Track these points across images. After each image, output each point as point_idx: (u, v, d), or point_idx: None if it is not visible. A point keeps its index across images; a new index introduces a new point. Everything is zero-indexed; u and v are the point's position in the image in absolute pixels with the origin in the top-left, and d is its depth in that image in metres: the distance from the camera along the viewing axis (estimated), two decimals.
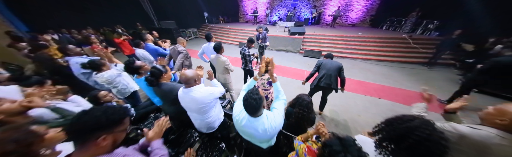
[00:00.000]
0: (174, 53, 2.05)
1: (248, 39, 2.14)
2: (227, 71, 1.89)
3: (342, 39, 4.86)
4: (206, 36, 2.14)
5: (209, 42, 2.12)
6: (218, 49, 1.75)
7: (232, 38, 6.35)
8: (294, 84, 2.84)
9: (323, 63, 1.73)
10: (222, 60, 1.77)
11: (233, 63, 3.86)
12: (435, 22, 4.86)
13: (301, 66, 3.73)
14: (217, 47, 1.73)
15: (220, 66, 1.84)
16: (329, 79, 1.66)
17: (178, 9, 7.19)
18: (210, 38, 2.13)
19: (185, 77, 0.93)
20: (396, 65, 3.91)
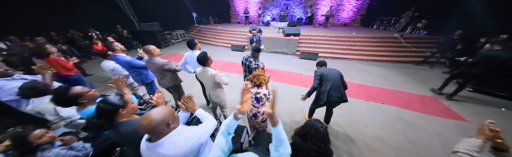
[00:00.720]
0: (151, 67, 1.65)
1: (254, 47, 1.78)
2: (219, 86, 1.50)
3: (337, 40, 4.78)
4: (188, 43, 1.69)
5: (192, 50, 1.72)
6: (204, 61, 1.32)
7: (223, 40, 6.01)
8: (292, 90, 2.61)
9: (324, 73, 1.48)
10: (211, 74, 1.35)
11: (228, 69, 3.56)
12: (423, 21, 4.99)
13: (298, 69, 3.54)
14: (201, 59, 1.29)
15: (209, 82, 1.42)
16: (338, 91, 1.42)
17: (162, 10, 6.63)
18: (193, 46, 1.69)
19: (147, 124, 0.53)
20: (391, 65, 3.89)
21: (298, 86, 2.76)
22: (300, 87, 2.72)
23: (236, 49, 5.20)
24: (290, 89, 2.65)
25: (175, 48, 5.66)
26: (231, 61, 4.13)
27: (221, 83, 1.41)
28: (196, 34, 7.20)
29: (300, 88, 2.69)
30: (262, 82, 1.20)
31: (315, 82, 1.51)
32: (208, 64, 1.36)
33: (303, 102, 2.23)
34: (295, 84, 2.82)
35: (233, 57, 4.52)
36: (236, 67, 3.64)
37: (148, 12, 6.05)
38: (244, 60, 1.77)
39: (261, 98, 1.22)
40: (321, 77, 1.48)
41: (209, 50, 5.35)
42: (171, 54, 4.90)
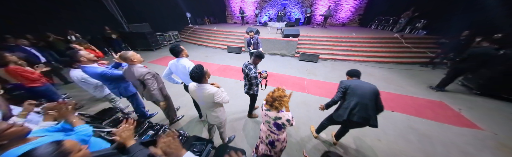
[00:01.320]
0: (130, 76, 1.36)
1: (256, 53, 1.45)
2: (219, 105, 1.17)
3: (337, 40, 4.63)
4: (172, 50, 1.33)
5: (178, 58, 1.39)
6: (200, 78, 0.98)
7: (219, 42, 5.73)
8: (295, 97, 2.40)
9: (351, 86, 1.18)
10: (210, 93, 1.02)
11: (224, 73, 3.28)
12: (422, 20, 4.92)
13: (299, 73, 3.34)
14: (196, 76, 0.96)
15: (207, 101, 1.09)
16: (365, 111, 1.12)
17: (154, 10, 6.25)
18: (178, 53, 1.34)
19: None
20: (393, 67, 3.77)
21: (300, 92, 2.55)
22: (302, 93, 2.51)
23: (233, 51, 4.95)
24: (293, 95, 2.42)
25: (167, 50, 5.23)
26: (227, 64, 3.89)
27: (222, 102, 1.11)
28: (190, 35, 6.88)
29: (303, 95, 2.48)
30: (286, 106, 0.93)
31: (337, 95, 1.23)
32: (204, 81, 1.03)
33: (308, 112, 2.05)
34: (297, 90, 2.61)
35: (230, 59, 4.27)
36: (233, 71, 3.41)
37: (137, 12, 5.68)
38: (244, 67, 1.51)
39: (283, 124, 0.95)
40: (346, 90, 1.19)
41: (204, 52, 5.07)
42: (162, 57, 4.58)
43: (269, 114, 0.99)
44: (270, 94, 0.97)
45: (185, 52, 1.39)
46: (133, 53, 1.34)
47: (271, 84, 2.73)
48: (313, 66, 3.75)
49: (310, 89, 2.62)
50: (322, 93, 2.51)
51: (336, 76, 3.18)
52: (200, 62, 4.08)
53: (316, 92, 2.54)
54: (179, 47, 1.34)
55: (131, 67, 1.34)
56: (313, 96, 2.42)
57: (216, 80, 2.98)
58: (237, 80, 2.94)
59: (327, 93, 2.48)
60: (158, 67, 3.69)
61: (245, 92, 1.68)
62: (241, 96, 2.37)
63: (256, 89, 1.63)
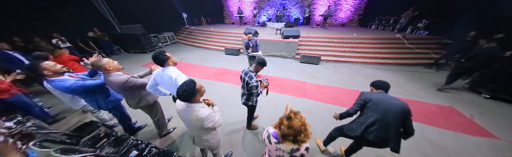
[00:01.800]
0: (111, 86, 1.22)
1: (259, 60, 1.23)
2: (211, 129, 0.96)
3: (338, 42, 4.49)
4: (155, 58, 1.08)
5: (163, 68, 1.15)
6: (189, 98, 0.78)
7: (216, 43, 5.53)
8: (298, 104, 2.23)
9: (373, 100, 0.98)
10: (198, 116, 0.82)
11: (220, 77, 3.07)
12: (423, 20, 4.82)
13: (301, 76, 3.17)
14: (185, 95, 0.75)
15: (195, 125, 0.88)
16: (385, 131, 0.94)
17: (147, 10, 6.00)
18: (163, 61, 1.09)
19: None
20: (397, 69, 3.64)
21: (303, 98, 2.37)
22: (305, 100, 2.34)
23: (230, 53, 4.76)
24: (295, 102, 2.26)
25: None
26: (225, 67, 3.69)
27: (214, 126, 0.89)
28: (186, 36, 6.66)
29: (306, 101, 2.30)
30: (308, 138, 0.67)
31: (354, 107, 1.06)
32: (195, 100, 0.81)
33: (312, 122, 1.85)
34: (300, 96, 2.44)
35: (227, 62, 4.08)
36: (230, 75, 3.22)
37: (130, 13, 5.43)
38: (243, 75, 1.32)
39: (302, 155, 0.71)
40: (366, 103, 1.00)
41: (200, 54, 4.87)
42: None
43: (282, 148, 0.73)
44: (286, 123, 0.68)
45: (171, 60, 1.15)
46: (108, 60, 1.16)
47: (271, 88, 2.57)
48: (314, 69, 3.59)
49: (314, 95, 2.45)
50: (326, 99, 2.34)
51: (339, 79, 3.03)
52: (196, 65, 3.88)
53: (320, 98, 2.37)
54: (164, 54, 1.09)
55: (107, 77, 1.15)
56: (317, 103, 2.25)
57: (212, 85, 2.79)
58: (235, 85, 2.76)
59: (332, 100, 2.32)
60: None
61: (243, 103, 1.48)
62: (239, 104, 2.16)
63: (255, 100, 1.44)
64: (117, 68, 1.19)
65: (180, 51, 5.28)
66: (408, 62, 3.89)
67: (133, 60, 4.35)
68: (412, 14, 5.03)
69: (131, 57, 4.63)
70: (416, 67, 3.75)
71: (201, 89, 0.82)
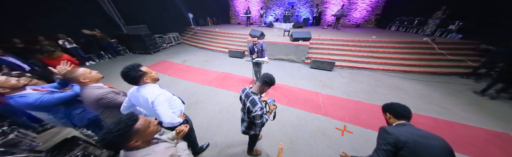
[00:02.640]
0: (84, 101, 0.96)
1: (265, 78, 0.91)
2: None
3: (354, 45, 4.01)
4: (124, 75, 0.80)
5: (138, 87, 0.86)
6: (120, 143, 0.51)
7: (220, 44, 5.30)
8: (310, 122, 1.83)
9: (408, 144, 0.65)
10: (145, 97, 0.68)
11: (222, 83, 2.78)
12: (456, 22, 4.15)
13: (312, 85, 2.78)
14: (112, 142, 0.48)
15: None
16: None
17: (154, 11, 5.94)
18: (135, 79, 0.81)
19: None
20: (427, 78, 3.10)
21: (315, 115, 1.98)
22: (318, 117, 1.94)
23: (234, 55, 4.49)
24: (306, 120, 1.85)
25: (166, 53, 4.97)
26: (227, 71, 3.42)
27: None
28: (191, 37, 6.53)
29: (319, 118, 1.90)
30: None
31: (382, 152, 0.69)
32: (134, 146, 0.54)
33: (328, 148, 1.47)
34: (312, 111, 2.05)
35: (231, 65, 3.81)
36: (233, 81, 2.93)
37: (137, 13, 5.38)
38: (244, 96, 0.99)
39: None
40: (400, 149, 0.65)
41: (204, 56, 4.66)
42: (160, 61, 4.21)
43: None
44: None
45: (150, 76, 0.85)
46: (84, 71, 0.92)
47: (278, 99, 2.23)
48: (327, 76, 3.18)
49: (329, 110, 2.06)
50: (344, 116, 1.94)
51: (357, 90, 2.60)
52: (198, 68, 3.64)
53: (336, 114, 1.97)
54: (137, 69, 0.80)
55: (82, 89, 0.91)
56: (333, 122, 1.86)
57: (212, 92, 2.51)
58: (237, 93, 2.47)
59: (352, 118, 1.91)
60: None
61: (243, 131, 1.12)
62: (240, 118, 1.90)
63: (257, 130, 1.08)
64: (95, 79, 0.95)
65: (184, 52, 5.12)
66: (440, 70, 3.31)
67: (136, 61, 4.01)
68: (441, 14, 4.38)
69: (136, 58, 4.56)
70: (450, 77, 3.17)
71: (147, 130, 0.55)
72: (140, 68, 0.81)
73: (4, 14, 3.25)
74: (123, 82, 0.81)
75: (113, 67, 3.84)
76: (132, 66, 0.80)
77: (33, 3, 3.54)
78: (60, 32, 3.67)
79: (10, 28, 3.35)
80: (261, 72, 2.44)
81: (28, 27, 3.57)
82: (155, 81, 0.89)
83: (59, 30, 3.73)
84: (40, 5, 3.66)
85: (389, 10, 6.18)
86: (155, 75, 0.89)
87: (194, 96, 2.38)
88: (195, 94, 2.44)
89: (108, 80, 3.01)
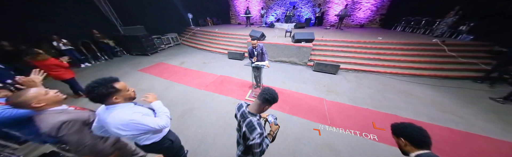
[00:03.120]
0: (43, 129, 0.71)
1: (266, 95, 0.72)
2: None
3: (360, 46, 3.82)
4: (89, 91, 0.60)
5: (107, 107, 0.68)
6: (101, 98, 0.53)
7: (220, 45, 5.14)
8: (315, 134, 1.65)
9: None
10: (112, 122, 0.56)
11: (219, 88, 2.67)
12: (467, 22, 3.94)
13: (315, 90, 2.60)
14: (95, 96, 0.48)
15: None
16: None
17: (152, 11, 5.79)
18: (104, 97, 0.63)
19: None
20: (438, 83, 2.91)
21: (321, 125, 1.80)
22: (325, 127, 1.76)
23: (234, 57, 4.33)
24: (311, 132, 1.67)
25: (164, 55, 4.82)
26: (226, 74, 3.26)
27: None
28: (190, 38, 6.38)
29: (325, 129, 1.72)
30: None
31: None
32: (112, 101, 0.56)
33: None
34: (316, 120, 1.87)
35: (229, 68, 3.64)
36: (231, 85, 2.77)
37: (135, 14, 5.23)
38: (239, 116, 0.80)
39: None
40: None
41: (203, 57, 4.51)
42: (156, 63, 4.06)
43: None
44: None
45: (123, 95, 0.68)
46: (36, 93, 0.72)
47: (280, 106, 2.05)
48: (332, 80, 3.00)
49: (335, 120, 1.88)
50: (353, 127, 1.76)
51: (365, 96, 2.41)
52: (195, 71, 3.48)
53: (344, 125, 1.79)
54: (109, 86, 0.63)
55: (38, 116, 0.73)
56: (341, 133, 1.68)
57: (208, 98, 2.35)
58: (235, 99, 2.30)
59: (360, 128, 1.73)
60: (146, 77, 3.16)
61: (238, 156, 0.90)
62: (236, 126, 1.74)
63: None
64: (53, 101, 0.76)
65: (182, 53, 4.97)
66: (451, 74, 3.11)
67: (133, 63, 4.12)
68: (455, 14, 4.15)
69: (133, 59, 4.42)
70: (462, 82, 2.97)
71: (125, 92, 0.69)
72: (113, 84, 0.64)
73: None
74: None
75: (108, 69, 3.70)
76: (104, 81, 0.63)
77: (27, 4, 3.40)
78: (54, 34, 3.54)
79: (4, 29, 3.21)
80: (261, 77, 2.27)
81: (21, 29, 3.44)
82: (129, 101, 0.73)
83: (51, 31, 3.56)
84: (33, 6, 3.52)
85: (395, 9, 5.97)
86: (132, 93, 0.73)
87: (189, 102, 2.23)
88: (190, 100, 2.28)
89: None
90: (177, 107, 2.10)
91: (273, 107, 2.08)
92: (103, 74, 3.39)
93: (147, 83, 2.84)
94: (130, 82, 2.89)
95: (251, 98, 2.30)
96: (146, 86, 2.74)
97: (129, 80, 3.01)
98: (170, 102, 2.22)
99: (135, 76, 3.19)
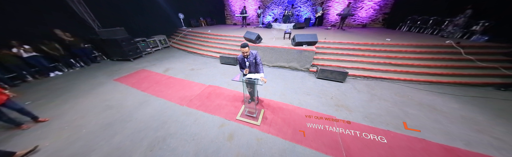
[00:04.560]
0: None
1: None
2: None
3: (367, 49, 3.42)
4: None
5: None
6: None
7: (212, 48, 4.67)
8: None
9: None
10: None
11: (205, 103, 2.10)
12: (482, 22, 3.60)
13: (322, 105, 2.15)
14: None
15: None
16: None
17: (136, 11, 5.22)
18: None
19: None
20: (459, 92, 2.52)
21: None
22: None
23: (227, 62, 3.86)
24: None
25: (148, 60, 4.30)
26: (215, 84, 2.77)
27: None
28: (180, 40, 5.87)
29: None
30: None
31: None
32: None
33: None
34: (327, 151, 1.41)
35: (221, 76, 3.17)
36: (220, 99, 2.29)
37: (115, 14, 4.67)
38: None
39: None
40: None
41: (192, 62, 4.02)
42: (138, 70, 3.54)
43: None
44: None
45: None
46: None
47: (280, 130, 1.61)
48: (339, 90, 2.58)
49: (352, 150, 1.42)
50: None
51: (382, 112, 2.00)
52: (180, 80, 2.97)
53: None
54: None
55: None
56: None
57: (190, 117, 1.89)
58: (226, 120, 1.83)
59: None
60: (120, 89, 2.66)
61: None
62: None
63: None
64: None
65: (169, 58, 4.45)
66: (471, 81, 2.74)
67: (111, 70, 3.59)
68: (465, 13, 3.78)
69: (112, 66, 3.89)
70: (485, 90, 2.60)
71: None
72: None
73: None
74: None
75: (80, 78, 3.18)
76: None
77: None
78: (14, 39, 2.95)
79: None
80: (255, 93, 1.82)
81: None
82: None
83: (10, 36, 2.98)
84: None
85: (400, 8, 5.61)
86: None
87: (165, 125, 1.76)
88: (166, 122, 1.82)
89: (68, 98, 2.38)
90: (148, 133, 1.64)
91: (272, 132, 1.64)
92: (73, 85, 2.87)
93: (118, 98, 2.35)
94: (99, 97, 2.40)
95: (243, 118, 1.83)
96: (116, 101, 2.24)
97: (99, 93, 2.52)
98: (140, 125, 1.76)
99: (108, 88, 2.70)
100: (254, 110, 1.85)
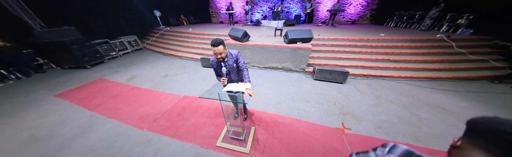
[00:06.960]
0: None
1: None
2: None
3: (364, 45, 3.18)
4: None
5: None
6: None
7: (192, 49, 4.07)
8: None
9: None
10: None
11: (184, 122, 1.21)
12: (465, 15, 3.64)
13: (326, 114, 1.79)
14: None
15: None
16: None
17: (98, 7, 4.28)
18: None
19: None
20: (460, 87, 2.39)
21: None
22: None
23: (209, 65, 3.28)
24: None
25: (111, 66, 3.44)
26: (192, 94, 2.18)
27: None
28: (156, 40, 5.09)
29: None
30: None
31: None
32: None
33: None
34: None
35: (201, 82, 2.58)
36: (196, 116, 1.74)
37: (68, 11, 3.73)
38: None
39: None
40: None
41: (167, 67, 3.36)
42: (92, 80, 2.72)
43: None
44: None
45: None
46: None
47: (274, 149, 1.18)
48: (341, 92, 2.25)
49: None
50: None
51: (394, 118, 1.70)
52: (147, 90, 2.31)
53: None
54: None
55: None
56: None
57: (150, 149, 1.36)
58: (201, 148, 1.31)
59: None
60: (60, 108, 1.92)
61: None
62: None
63: None
64: None
65: (140, 62, 3.69)
66: (467, 75, 2.66)
67: (55, 82, 2.70)
68: (437, 7, 3.82)
69: (60, 76, 2.98)
70: (481, 83, 2.53)
71: None
72: None
73: None
74: None
75: (11, 95, 2.32)
76: None
77: None
78: None
79: None
80: (243, 105, 1.35)
81: None
82: None
83: None
84: None
85: (386, 4, 5.62)
86: None
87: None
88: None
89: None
90: None
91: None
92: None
93: (51, 123, 1.65)
94: (24, 123, 1.67)
95: (226, 144, 1.30)
96: (46, 129, 1.54)
97: (25, 117, 1.77)
98: None
99: (42, 108, 1.93)
100: (241, 130, 1.37)
